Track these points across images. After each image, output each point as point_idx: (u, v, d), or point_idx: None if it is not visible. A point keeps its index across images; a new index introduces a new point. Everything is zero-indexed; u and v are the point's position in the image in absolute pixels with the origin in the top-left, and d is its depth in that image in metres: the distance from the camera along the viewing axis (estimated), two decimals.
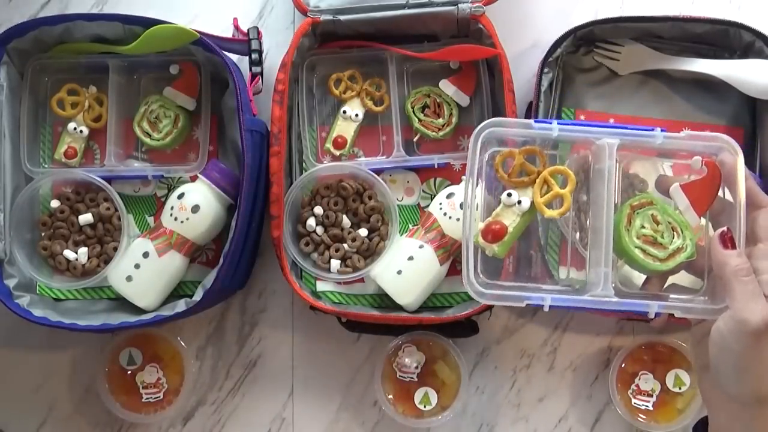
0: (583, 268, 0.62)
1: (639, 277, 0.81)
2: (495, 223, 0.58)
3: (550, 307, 0.56)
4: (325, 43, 0.89)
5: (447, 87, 0.88)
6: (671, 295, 0.60)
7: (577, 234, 0.62)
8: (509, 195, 0.58)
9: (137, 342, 0.89)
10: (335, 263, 0.86)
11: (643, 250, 0.58)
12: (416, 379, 0.87)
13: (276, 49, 0.92)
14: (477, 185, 0.58)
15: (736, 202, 0.57)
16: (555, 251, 0.73)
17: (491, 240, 0.58)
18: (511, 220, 0.58)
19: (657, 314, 0.57)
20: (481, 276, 0.58)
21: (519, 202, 0.58)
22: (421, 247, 0.82)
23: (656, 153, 0.61)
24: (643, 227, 0.59)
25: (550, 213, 0.58)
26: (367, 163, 0.87)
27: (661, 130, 0.58)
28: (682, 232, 0.59)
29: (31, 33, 0.84)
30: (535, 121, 0.57)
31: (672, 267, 0.58)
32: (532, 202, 0.58)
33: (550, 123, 0.57)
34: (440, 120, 0.88)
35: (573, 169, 0.60)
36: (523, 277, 0.64)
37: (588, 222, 0.59)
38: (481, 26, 0.85)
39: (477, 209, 0.60)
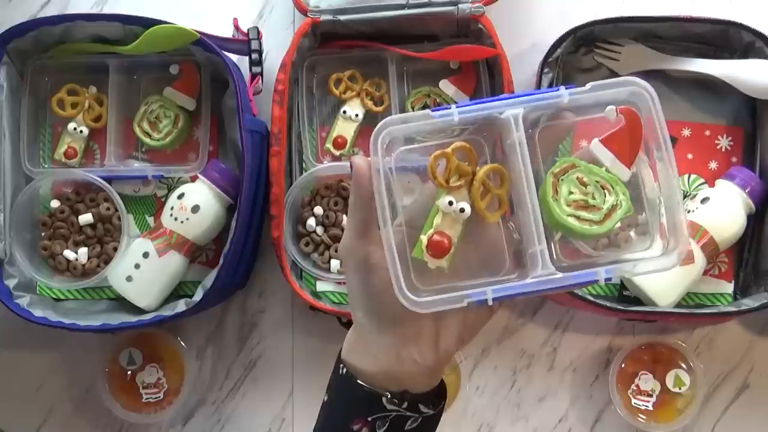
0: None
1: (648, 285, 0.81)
2: (439, 235, 0.53)
3: (494, 299, 0.52)
4: (325, 43, 0.89)
5: (447, 87, 0.88)
6: (621, 255, 0.57)
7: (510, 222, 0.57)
8: (450, 203, 0.53)
9: (137, 342, 0.89)
10: (335, 263, 0.86)
11: (577, 217, 0.54)
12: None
13: (276, 49, 0.92)
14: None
15: (660, 144, 0.53)
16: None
17: (437, 255, 0.53)
18: (454, 230, 0.53)
19: (607, 279, 0.53)
20: (416, 284, 0.54)
21: (462, 209, 0.53)
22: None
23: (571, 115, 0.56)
24: (571, 193, 0.54)
25: (492, 217, 0.54)
26: None
27: (566, 87, 0.53)
28: (613, 188, 0.55)
29: (31, 33, 0.84)
30: (433, 110, 0.53)
31: (611, 227, 0.54)
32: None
33: (449, 108, 0.53)
34: None
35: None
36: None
37: (513, 204, 0.55)
38: (481, 26, 0.85)
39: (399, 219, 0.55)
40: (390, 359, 0.56)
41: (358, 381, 0.56)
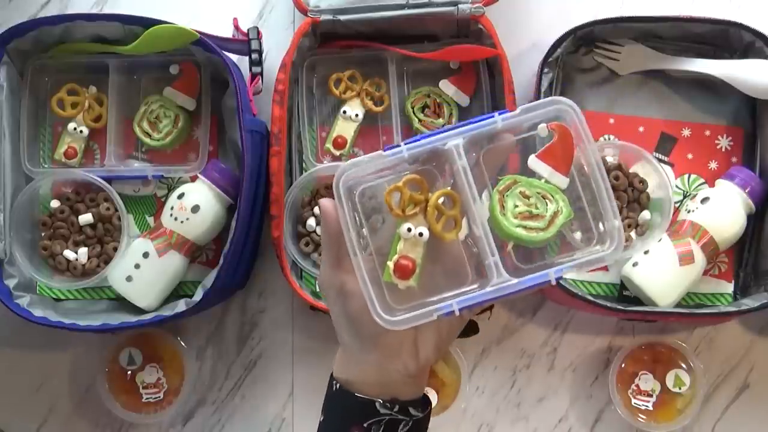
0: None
1: (646, 283, 0.82)
2: (404, 259, 0.59)
3: (460, 310, 0.58)
4: (325, 43, 0.89)
5: (447, 87, 0.88)
6: (572, 255, 0.62)
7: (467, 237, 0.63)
8: (409, 230, 0.59)
9: (137, 342, 0.89)
10: None
11: (524, 227, 0.60)
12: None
13: (276, 49, 0.92)
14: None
15: (587, 154, 0.59)
16: (555, 244, 0.72)
17: (405, 276, 0.59)
18: (416, 253, 0.59)
19: (558, 279, 0.58)
20: (392, 304, 0.59)
21: (420, 234, 0.59)
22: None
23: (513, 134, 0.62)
24: (516, 206, 0.60)
25: (450, 236, 0.60)
26: None
27: (499, 113, 0.59)
28: (553, 197, 0.60)
29: (31, 33, 0.84)
30: (385, 149, 0.59)
31: (555, 232, 0.60)
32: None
33: (400, 146, 0.59)
34: (440, 120, 0.88)
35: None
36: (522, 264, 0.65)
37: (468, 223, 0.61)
38: (481, 26, 0.85)
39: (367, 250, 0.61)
40: (377, 372, 0.61)
41: (351, 391, 0.61)
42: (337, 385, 0.63)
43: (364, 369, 0.62)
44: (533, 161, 0.61)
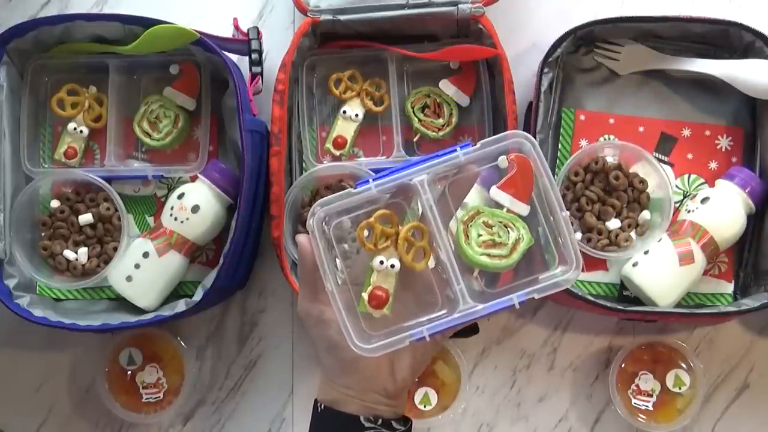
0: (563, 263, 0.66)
1: (646, 282, 0.82)
2: (378, 290, 0.62)
3: (430, 335, 0.61)
4: (325, 43, 0.89)
5: (447, 87, 0.88)
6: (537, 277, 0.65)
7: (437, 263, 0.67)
8: (381, 262, 0.62)
9: (137, 342, 0.89)
10: (336, 263, 0.85)
11: (488, 255, 0.63)
12: (416, 379, 0.87)
13: (276, 49, 0.92)
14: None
15: (545, 182, 0.62)
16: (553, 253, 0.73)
17: (379, 306, 0.62)
18: (389, 283, 0.63)
19: (521, 303, 0.61)
20: (368, 332, 0.63)
21: (392, 265, 0.62)
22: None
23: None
24: (479, 235, 0.63)
25: (420, 266, 0.63)
26: (367, 163, 0.87)
27: (461, 147, 0.62)
28: (514, 225, 0.64)
29: (31, 33, 0.84)
30: (356, 186, 0.62)
31: (518, 258, 0.63)
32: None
33: (368, 182, 0.62)
34: (440, 120, 0.88)
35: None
36: (522, 275, 0.67)
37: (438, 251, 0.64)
38: (481, 26, 0.85)
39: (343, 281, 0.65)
40: (358, 394, 0.65)
41: (336, 409, 0.65)
42: (322, 406, 0.66)
43: (346, 391, 0.65)
44: (495, 192, 0.64)
